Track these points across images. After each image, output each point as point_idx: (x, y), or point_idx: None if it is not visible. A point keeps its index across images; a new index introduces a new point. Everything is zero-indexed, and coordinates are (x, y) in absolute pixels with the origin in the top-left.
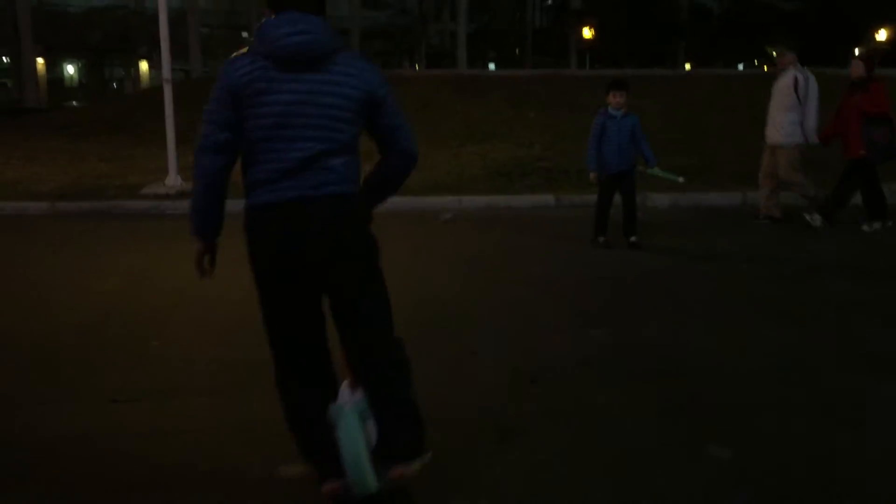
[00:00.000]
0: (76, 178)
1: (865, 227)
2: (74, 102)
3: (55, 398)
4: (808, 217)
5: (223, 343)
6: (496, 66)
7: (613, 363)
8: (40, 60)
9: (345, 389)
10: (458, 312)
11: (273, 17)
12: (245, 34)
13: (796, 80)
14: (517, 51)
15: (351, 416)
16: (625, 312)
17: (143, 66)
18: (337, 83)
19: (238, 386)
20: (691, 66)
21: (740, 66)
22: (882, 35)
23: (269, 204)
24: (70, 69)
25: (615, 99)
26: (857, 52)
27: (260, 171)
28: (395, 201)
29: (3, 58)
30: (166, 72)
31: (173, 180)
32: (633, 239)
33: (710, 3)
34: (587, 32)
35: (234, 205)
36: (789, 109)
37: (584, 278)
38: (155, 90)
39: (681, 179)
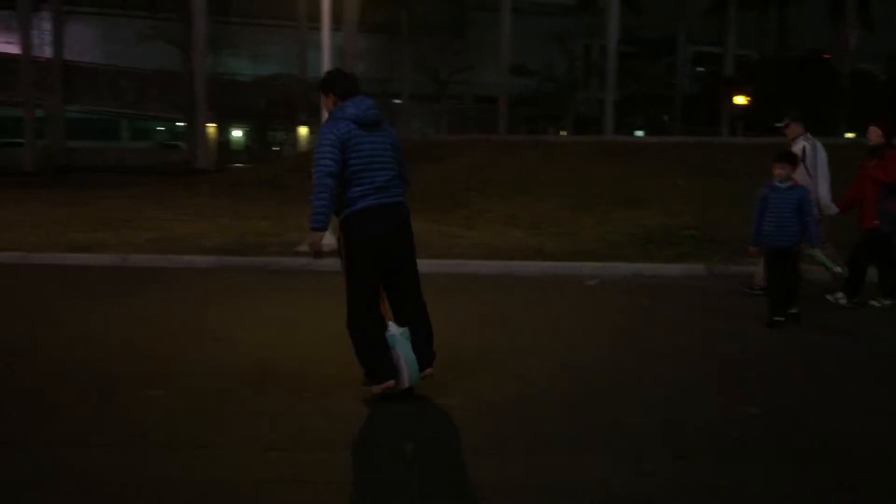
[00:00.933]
0: (239, 235)
1: (874, 303)
2: (240, 164)
3: (213, 443)
4: (831, 297)
5: (369, 396)
6: (644, 132)
7: (770, 443)
8: (212, 125)
9: (392, 326)
10: (604, 383)
11: (340, 101)
12: (398, 101)
13: (804, 149)
14: (666, 117)
15: (403, 339)
16: (780, 390)
17: (303, 130)
18: (389, 136)
19: (382, 440)
20: (854, 134)
21: None
22: None
23: (368, 207)
24: (237, 133)
25: (777, 171)
26: None
27: (359, 190)
28: (542, 266)
29: (180, 122)
30: None
31: (327, 239)
32: (793, 310)
33: (874, 68)
34: (740, 99)
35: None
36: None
37: (738, 351)
38: (312, 153)
39: (839, 270)
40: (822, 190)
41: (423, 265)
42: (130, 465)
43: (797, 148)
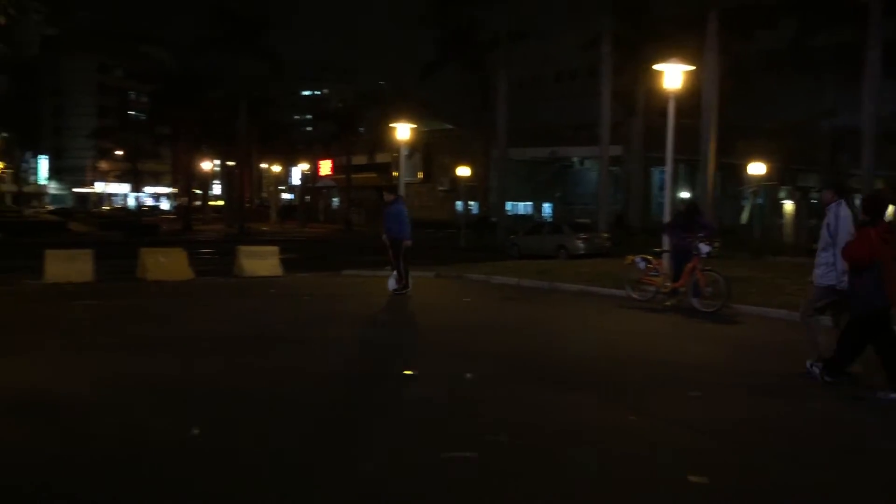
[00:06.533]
0: None
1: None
2: None
3: None
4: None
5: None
6: None
7: None
8: None
9: (395, 274)
10: None
11: (391, 197)
12: None
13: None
14: None
15: (392, 278)
16: None
17: None
18: (405, 211)
19: None
20: None
21: None
22: None
23: (398, 237)
24: None
25: None
26: None
27: (399, 229)
28: None
29: None
30: None
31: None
32: None
33: None
34: None
35: None
36: (823, 249)
37: None
38: None
39: None
40: (840, 262)
41: None
42: None
43: (829, 216)
